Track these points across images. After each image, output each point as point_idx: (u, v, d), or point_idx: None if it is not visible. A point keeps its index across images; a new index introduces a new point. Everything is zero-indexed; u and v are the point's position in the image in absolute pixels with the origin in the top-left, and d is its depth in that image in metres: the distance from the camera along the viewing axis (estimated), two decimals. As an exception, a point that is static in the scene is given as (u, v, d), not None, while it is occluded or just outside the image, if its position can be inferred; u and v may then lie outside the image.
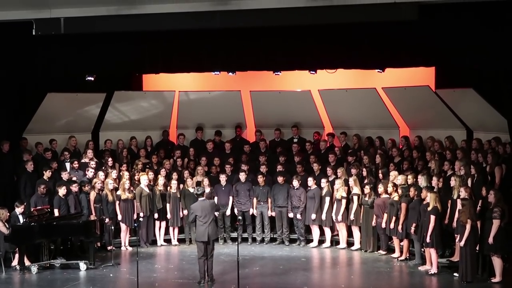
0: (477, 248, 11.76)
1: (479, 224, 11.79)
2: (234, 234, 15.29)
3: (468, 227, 11.52)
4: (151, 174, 15.18)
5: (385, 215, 13.75)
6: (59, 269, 13.05)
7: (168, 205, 15.05)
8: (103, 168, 14.95)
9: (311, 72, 14.55)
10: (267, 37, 13.03)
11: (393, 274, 12.83)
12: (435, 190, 12.69)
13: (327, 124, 16.73)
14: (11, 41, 13.24)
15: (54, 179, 14.32)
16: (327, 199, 14.73)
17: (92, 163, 15.08)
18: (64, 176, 14.33)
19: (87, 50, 13.47)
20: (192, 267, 12.57)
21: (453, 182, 12.65)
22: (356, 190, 14.45)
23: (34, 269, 12.82)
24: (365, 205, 14.31)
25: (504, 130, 13.46)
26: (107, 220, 14.10)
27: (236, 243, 12.26)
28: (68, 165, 15.04)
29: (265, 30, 12.58)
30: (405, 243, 13.58)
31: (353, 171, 14.69)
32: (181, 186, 15.25)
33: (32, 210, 13.36)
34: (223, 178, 15.29)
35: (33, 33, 12.20)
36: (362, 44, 12.94)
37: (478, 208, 12.03)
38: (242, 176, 15.25)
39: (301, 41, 13.10)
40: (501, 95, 13.26)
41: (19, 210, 13.04)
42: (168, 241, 15.30)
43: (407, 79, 15.57)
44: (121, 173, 15.06)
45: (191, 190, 14.85)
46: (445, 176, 13.33)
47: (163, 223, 15.21)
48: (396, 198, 13.58)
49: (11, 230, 12.70)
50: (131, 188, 14.80)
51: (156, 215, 15.05)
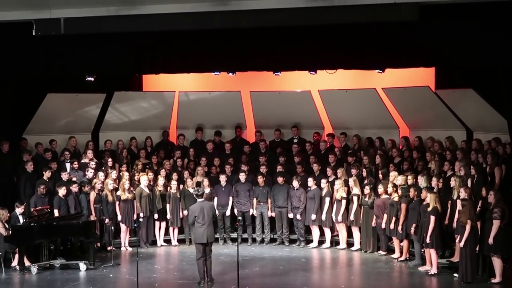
0: (477, 248, 11.75)
1: (479, 224, 11.79)
2: (234, 235, 15.28)
3: (468, 227, 11.52)
4: (151, 175, 15.19)
5: (385, 215, 13.75)
6: (59, 270, 13.05)
7: (168, 205, 15.05)
8: (103, 168, 14.94)
9: (311, 72, 14.52)
10: (267, 37, 13.00)
11: (393, 275, 12.84)
12: (435, 190, 12.69)
13: (327, 124, 16.72)
14: (11, 41, 13.23)
15: (54, 179, 14.32)
16: (327, 199, 14.73)
17: (92, 164, 15.07)
18: (64, 176, 14.32)
19: (87, 50, 13.44)
20: (192, 267, 12.56)
21: (453, 182, 12.65)
22: (356, 190, 14.44)
23: (34, 269, 12.82)
24: (365, 205, 14.31)
25: (504, 131, 13.44)
26: (107, 221, 14.10)
27: (236, 243, 12.27)
28: (68, 165, 15.04)
29: (265, 31, 12.56)
30: (405, 243, 13.58)
31: (353, 171, 14.69)
32: (181, 186, 15.25)
33: (32, 210, 13.35)
34: (223, 179, 15.28)
35: (33, 33, 12.21)
36: (362, 44, 12.91)
37: (478, 209, 12.03)
38: (242, 177, 15.25)
39: (301, 41, 13.06)
40: (501, 95, 13.24)
41: (19, 210, 13.04)
42: (168, 241, 15.29)
43: (407, 80, 15.56)
44: (121, 173, 15.06)
45: (191, 190, 14.84)
46: (445, 176, 13.33)
47: (163, 224, 15.21)
48: (396, 199, 13.58)
49: (11, 231, 12.70)
50: (131, 189, 14.80)
51: (156, 216, 15.06)
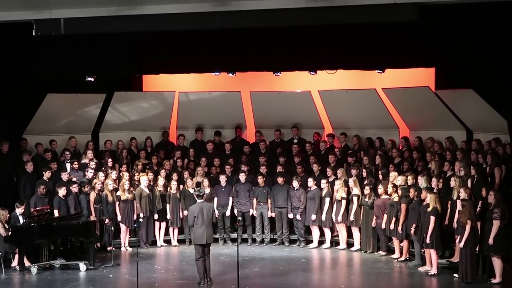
0: (477, 249, 11.75)
1: (479, 225, 11.78)
2: (234, 235, 15.27)
3: (468, 228, 11.52)
4: (151, 175, 15.18)
5: (385, 216, 13.74)
6: (59, 270, 13.04)
7: (168, 205, 15.05)
8: (103, 168, 14.94)
9: (311, 72, 14.52)
10: (267, 37, 13.00)
11: (393, 275, 12.84)
12: (435, 191, 12.69)
13: (327, 124, 16.72)
14: (11, 41, 13.23)
15: (54, 179, 14.32)
16: (327, 199, 14.72)
17: (92, 164, 15.07)
18: (64, 176, 14.32)
19: (87, 50, 13.44)
20: (192, 267, 12.55)
21: (453, 182, 12.65)
22: (356, 190, 14.44)
23: (34, 269, 12.82)
24: (365, 205, 14.30)
25: (504, 131, 13.44)
26: (107, 221, 14.10)
27: (236, 243, 12.26)
28: (68, 165, 15.04)
29: (265, 31, 12.57)
30: (405, 244, 13.58)
31: (353, 171, 14.69)
32: (181, 186, 15.25)
33: (32, 210, 13.35)
34: (223, 179, 15.28)
35: (33, 33, 12.21)
36: (362, 44, 12.90)
37: (478, 209, 12.02)
38: (242, 177, 15.25)
39: (301, 41, 13.06)
40: (501, 96, 13.24)
41: (19, 210, 13.04)
42: (168, 241, 15.29)
43: (407, 80, 15.55)
44: (121, 173, 15.06)
45: (191, 190, 14.84)
46: (445, 177, 13.33)
47: (163, 224, 15.21)
48: (396, 199, 13.57)
49: (11, 231, 12.69)
50: (131, 189, 14.80)
51: (156, 216, 15.06)
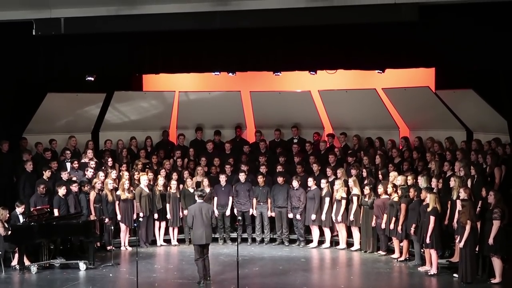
0: (477, 249, 11.75)
1: (478, 225, 11.78)
2: (234, 235, 15.27)
3: (468, 228, 11.51)
4: (151, 174, 15.19)
5: (385, 215, 13.74)
6: (59, 269, 13.04)
7: (168, 205, 15.05)
8: (103, 168, 14.94)
9: (311, 72, 14.52)
10: (267, 37, 13.02)
11: (392, 275, 12.83)
12: (435, 191, 12.69)
13: (327, 124, 16.72)
14: (11, 41, 13.24)
15: (53, 179, 14.32)
16: (327, 199, 14.72)
17: (92, 163, 15.07)
18: (64, 176, 14.32)
19: (87, 50, 13.45)
20: (191, 267, 12.55)
21: (452, 183, 12.64)
22: (355, 190, 14.44)
23: (34, 269, 12.82)
24: (364, 205, 14.30)
25: (504, 131, 13.45)
26: (106, 220, 14.09)
27: (236, 243, 12.26)
28: (68, 165, 15.04)
29: (265, 31, 12.58)
30: (404, 243, 13.58)
31: (353, 171, 14.68)
32: (181, 186, 15.25)
33: (31, 210, 13.36)
34: (223, 179, 15.28)
35: (33, 33, 12.22)
36: (362, 44, 12.91)
37: (478, 209, 12.02)
38: (242, 177, 15.25)
39: (301, 41, 13.08)
40: (501, 96, 13.25)
41: (19, 210, 13.04)
42: (167, 241, 15.29)
43: (407, 80, 15.55)
44: (121, 173, 15.06)
45: (191, 190, 14.85)
46: (445, 177, 13.33)
47: (163, 223, 15.21)
48: (395, 199, 13.57)
49: (10, 230, 12.70)
50: (131, 188, 14.80)
51: (156, 215, 15.06)
